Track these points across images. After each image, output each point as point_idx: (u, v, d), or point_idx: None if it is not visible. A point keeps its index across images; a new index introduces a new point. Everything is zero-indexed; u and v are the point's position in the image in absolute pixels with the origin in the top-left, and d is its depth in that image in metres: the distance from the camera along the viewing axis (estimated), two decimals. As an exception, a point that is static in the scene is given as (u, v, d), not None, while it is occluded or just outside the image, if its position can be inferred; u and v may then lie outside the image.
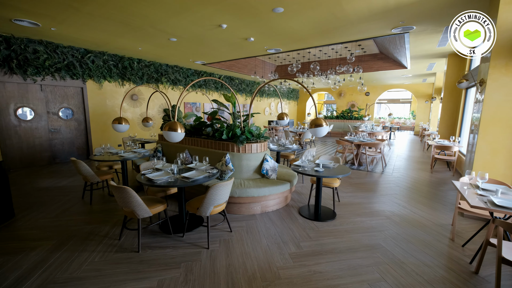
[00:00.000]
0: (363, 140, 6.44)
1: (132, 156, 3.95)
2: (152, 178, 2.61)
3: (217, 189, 2.43)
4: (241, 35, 5.20)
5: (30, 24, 4.49)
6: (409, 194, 4.36)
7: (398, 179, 5.31)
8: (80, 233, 2.83)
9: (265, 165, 3.66)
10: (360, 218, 3.32)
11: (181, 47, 6.22)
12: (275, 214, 3.40)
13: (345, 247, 2.60)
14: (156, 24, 4.49)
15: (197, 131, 4.40)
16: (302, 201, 3.91)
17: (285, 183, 3.51)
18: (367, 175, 5.58)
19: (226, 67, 9.57)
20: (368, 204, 3.86)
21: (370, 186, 4.81)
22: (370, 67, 9.86)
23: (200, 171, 2.99)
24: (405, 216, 3.40)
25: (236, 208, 3.37)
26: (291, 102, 17.82)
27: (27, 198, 3.92)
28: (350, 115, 14.23)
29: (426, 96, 14.22)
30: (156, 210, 2.56)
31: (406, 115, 19.96)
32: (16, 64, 5.23)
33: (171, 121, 6.59)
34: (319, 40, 5.61)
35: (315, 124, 3.09)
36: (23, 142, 5.65)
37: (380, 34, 5.13)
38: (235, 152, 3.68)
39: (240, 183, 3.41)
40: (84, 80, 6.48)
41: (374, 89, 15.64)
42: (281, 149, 4.86)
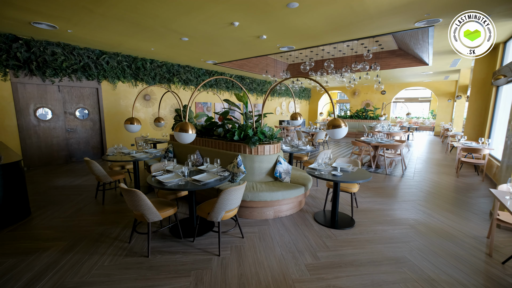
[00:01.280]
0: (381, 141, 6.12)
1: (144, 157, 3.91)
2: (163, 181, 2.53)
3: (229, 194, 2.31)
4: (253, 33, 5.06)
5: (48, 26, 4.58)
6: (434, 200, 4.05)
7: (420, 183, 4.98)
8: (91, 234, 2.80)
9: (278, 168, 3.50)
10: (381, 227, 3.09)
11: (192, 47, 6.18)
12: (289, 220, 3.24)
13: (367, 259, 2.40)
14: (167, 23, 4.44)
15: (208, 132, 4.31)
16: (317, 206, 3.72)
17: (299, 187, 3.34)
18: (386, 179, 5.27)
19: (237, 66, 9.48)
20: (389, 210, 3.61)
21: (390, 190, 4.53)
22: (387, 64, 9.42)
23: (211, 173, 2.88)
24: (432, 226, 3.13)
25: (248, 212, 3.23)
26: (302, 101, 17.50)
27: (43, 196, 3.98)
28: (365, 114, 13.73)
29: (448, 94, 13.47)
30: (166, 214, 2.48)
31: (425, 115, 19.06)
32: (35, 66, 5.38)
33: (182, 121, 6.56)
34: (334, 37, 5.37)
35: (333, 124, 2.90)
36: (41, 142, 5.82)
37: (402, 28, 4.81)
38: (247, 154, 3.55)
39: (252, 187, 3.28)
40: (99, 80, 6.59)
41: (391, 87, 15.02)
42: (294, 151, 4.68)
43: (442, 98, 13.70)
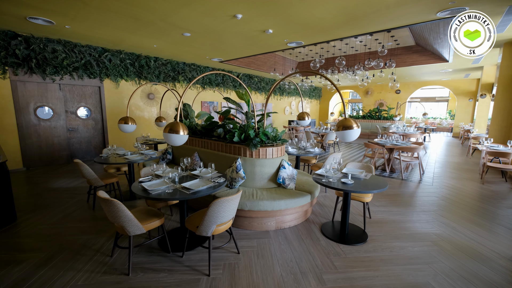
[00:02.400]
0: (397, 143, 5.64)
1: (138, 159, 3.67)
2: (148, 188, 2.25)
3: (220, 205, 1.99)
4: (258, 27, 4.72)
5: (44, 22, 4.42)
6: (458, 210, 3.59)
7: (440, 190, 4.49)
8: (73, 245, 2.56)
9: (281, 173, 3.16)
10: (398, 243, 2.69)
11: (195, 43, 5.91)
12: (293, 232, 2.89)
13: (383, 285, 2.02)
14: (166, 17, 4.18)
15: (209, 132, 4.02)
16: (325, 216, 3.35)
17: (305, 194, 2.98)
18: (402, 185, 4.81)
19: (245, 64, 9.16)
20: (406, 222, 3.19)
21: (407, 198, 4.08)
22: (403, 61, 8.85)
23: (204, 179, 2.57)
24: (458, 242, 2.70)
25: (247, 222, 2.91)
26: (313, 101, 17.00)
27: (35, 199, 3.82)
28: (379, 114, 13.10)
29: (469, 93, 12.63)
30: (150, 226, 2.19)
31: (442, 115, 18.09)
32: (35, 63, 5.27)
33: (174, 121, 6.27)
34: (346, 30, 4.95)
35: (344, 125, 2.53)
36: (42, 141, 5.72)
37: (422, 20, 4.35)
38: (248, 157, 3.23)
39: (252, 194, 2.95)
40: (101, 79, 6.45)
41: (406, 86, 14.29)
42: (301, 153, 4.32)
43: (462, 98, 12.87)
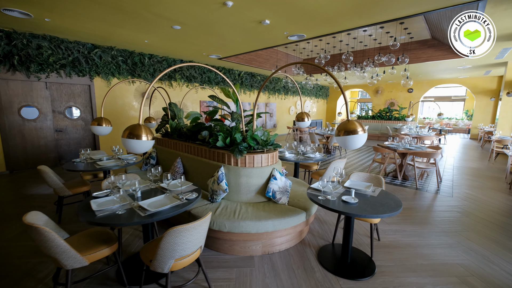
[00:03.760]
0: (410, 147, 5.01)
1: (112, 165, 3.24)
2: (95, 208, 1.79)
3: (177, 236, 1.51)
4: (253, 17, 4.22)
5: (21, 14, 4.08)
6: (486, 231, 2.98)
7: (462, 203, 3.86)
8: (16, 271, 2.14)
9: (271, 185, 2.65)
10: (415, 278, 2.13)
11: (189, 38, 5.47)
12: (283, 258, 2.38)
13: None
14: (149, 6, 3.74)
15: (194, 135, 3.56)
16: (324, 236, 2.82)
17: (298, 212, 2.46)
18: (416, 195, 4.20)
19: (246, 61, 8.67)
20: (424, 247, 2.61)
21: (423, 213, 3.49)
22: (417, 57, 8.13)
23: (171, 195, 2.10)
24: (493, 279, 2.12)
25: (227, 246, 2.42)
26: (319, 100, 16.33)
27: (6, 208, 3.47)
28: (389, 115, 12.33)
29: (489, 92, 11.68)
30: (96, 256, 1.73)
31: (458, 115, 17.01)
32: (17, 60, 4.96)
33: (168, 121, 5.72)
34: (352, 20, 4.38)
35: (346, 129, 2.01)
36: (27, 143, 5.42)
37: (441, 5, 3.72)
38: (232, 165, 2.74)
39: (234, 211, 2.45)
40: (91, 77, 6.11)
41: (419, 85, 13.43)
42: (299, 159, 3.78)
43: (481, 96, 11.93)
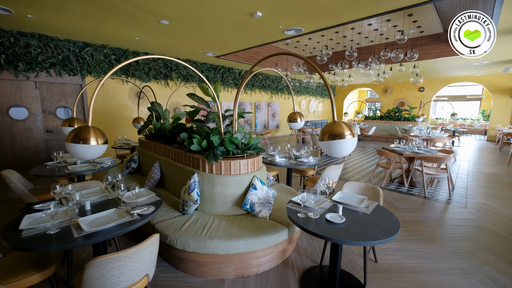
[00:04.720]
0: (419, 151, 4.54)
1: (84, 170, 2.99)
2: (24, 226, 1.50)
3: (102, 269, 1.19)
4: (242, 9, 3.89)
5: (2, 10, 3.91)
6: (508, 253, 2.52)
7: (478, 216, 3.39)
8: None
9: (250, 196, 2.30)
10: (416, 315, 1.74)
11: (179, 34, 5.20)
12: (258, 284, 2.03)
13: None
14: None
15: (175, 137, 3.27)
16: (311, 255, 2.45)
17: (279, 229, 2.10)
18: (424, 205, 3.75)
19: (245, 60, 8.35)
20: (431, 274, 2.20)
21: (431, 228, 3.05)
22: (428, 53, 7.56)
23: (121, 210, 1.79)
24: (517, 321, 1.70)
25: (195, 266, 2.09)
26: (325, 100, 15.82)
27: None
28: (399, 115, 11.71)
29: (508, 90, 10.89)
30: (20, 285, 1.44)
31: (474, 115, 16.08)
32: (4, 59, 4.82)
33: (152, 122, 5.38)
34: (353, 11, 3.97)
35: (330, 133, 1.65)
36: (16, 144, 5.30)
37: (455, -11, 3.29)
38: (207, 172, 2.41)
39: (204, 227, 2.12)
40: (83, 76, 5.95)
41: (431, 83, 12.71)
42: (292, 164, 3.42)
43: (499, 96, 11.13)
